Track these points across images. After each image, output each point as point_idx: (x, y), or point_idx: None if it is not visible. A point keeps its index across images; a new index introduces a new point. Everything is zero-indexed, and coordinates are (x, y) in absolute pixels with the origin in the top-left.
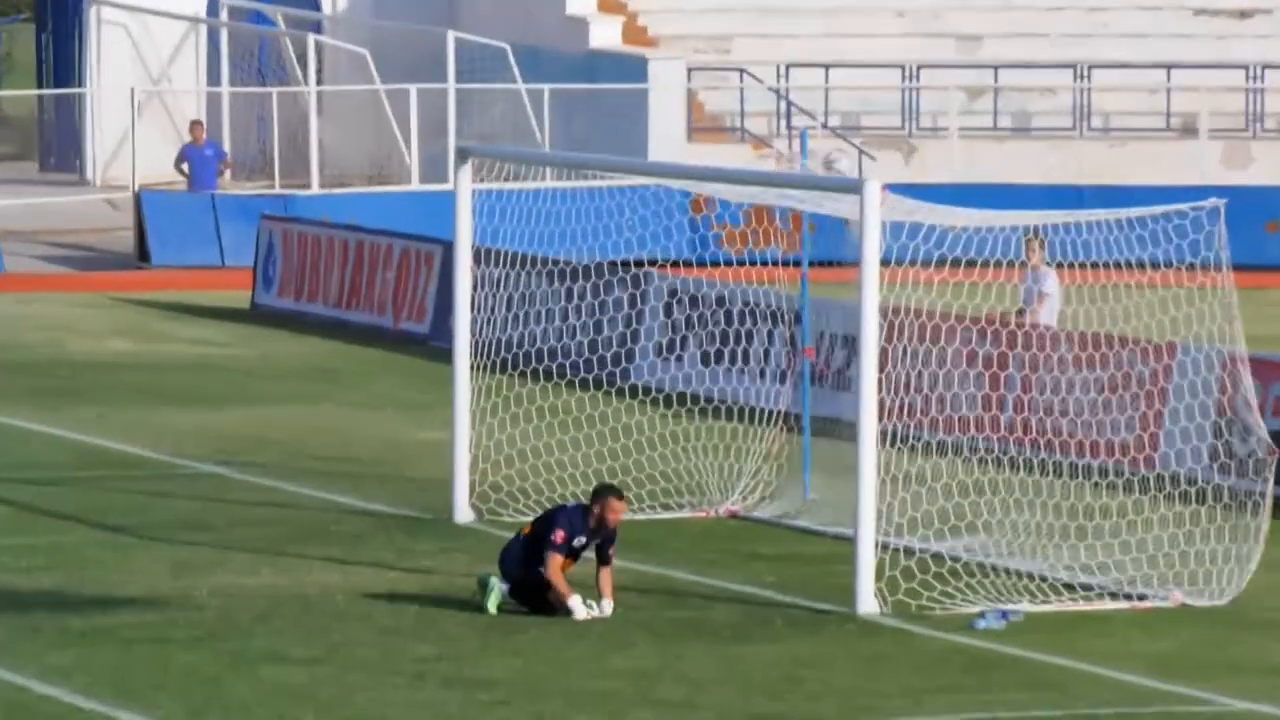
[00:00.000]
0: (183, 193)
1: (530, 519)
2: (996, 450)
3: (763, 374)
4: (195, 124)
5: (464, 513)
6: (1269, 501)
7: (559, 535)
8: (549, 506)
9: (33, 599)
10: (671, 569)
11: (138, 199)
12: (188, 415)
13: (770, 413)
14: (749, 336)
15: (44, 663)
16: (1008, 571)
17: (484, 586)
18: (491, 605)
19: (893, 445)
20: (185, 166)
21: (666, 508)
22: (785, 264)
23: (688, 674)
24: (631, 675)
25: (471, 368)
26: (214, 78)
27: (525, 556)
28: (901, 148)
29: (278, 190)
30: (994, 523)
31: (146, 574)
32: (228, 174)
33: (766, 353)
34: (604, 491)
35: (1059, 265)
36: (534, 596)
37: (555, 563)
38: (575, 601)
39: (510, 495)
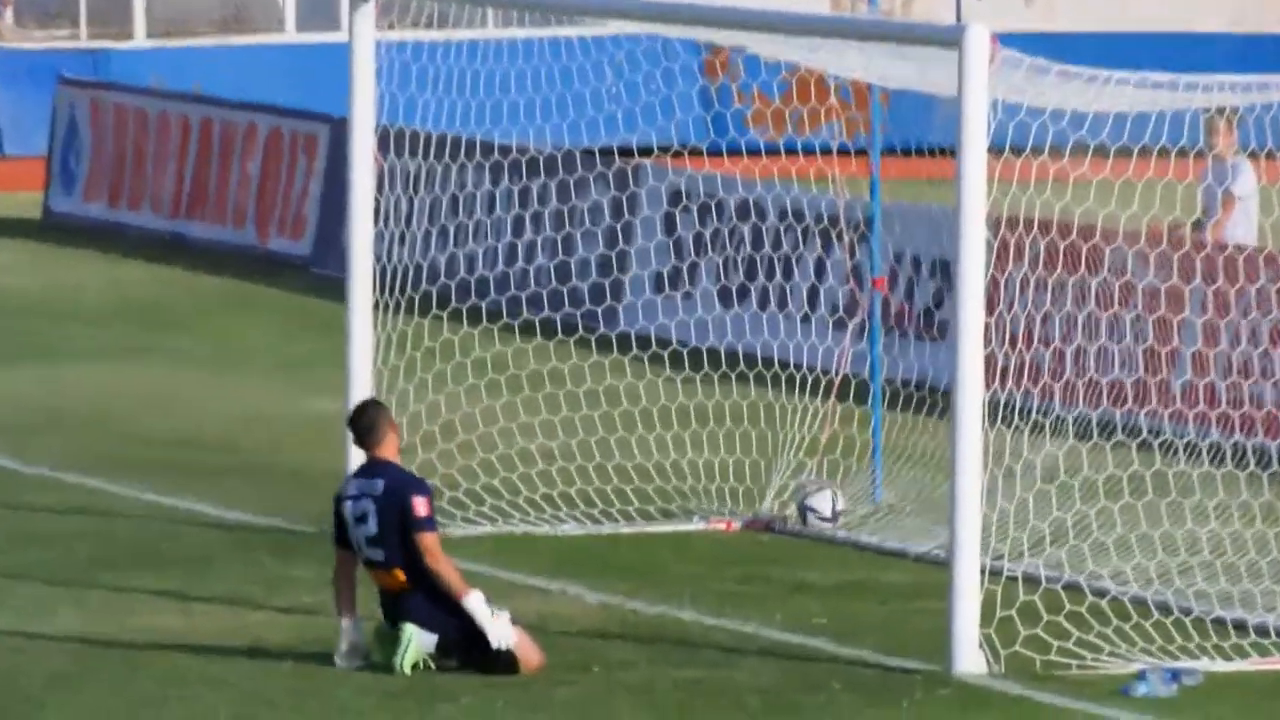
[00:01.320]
0: None
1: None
2: (1164, 430)
3: (811, 318)
4: None
5: None
6: None
7: (423, 506)
8: (397, 491)
9: None
10: (677, 607)
11: None
12: None
13: (822, 375)
14: (791, 262)
15: None
16: (1178, 612)
17: (393, 639)
18: (404, 663)
19: (1007, 423)
20: None
21: (668, 516)
22: (846, 154)
23: None
24: None
25: (375, 307)
26: None
27: (436, 598)
28: None
29: (83, 43)
30: (1159, 539)
31: None
32: (8, 15)
33: (817, 287)
34: (378, 414)
35: (1255, 155)
36: (478, 651)
37: (436, 543)
38: (477, 599)
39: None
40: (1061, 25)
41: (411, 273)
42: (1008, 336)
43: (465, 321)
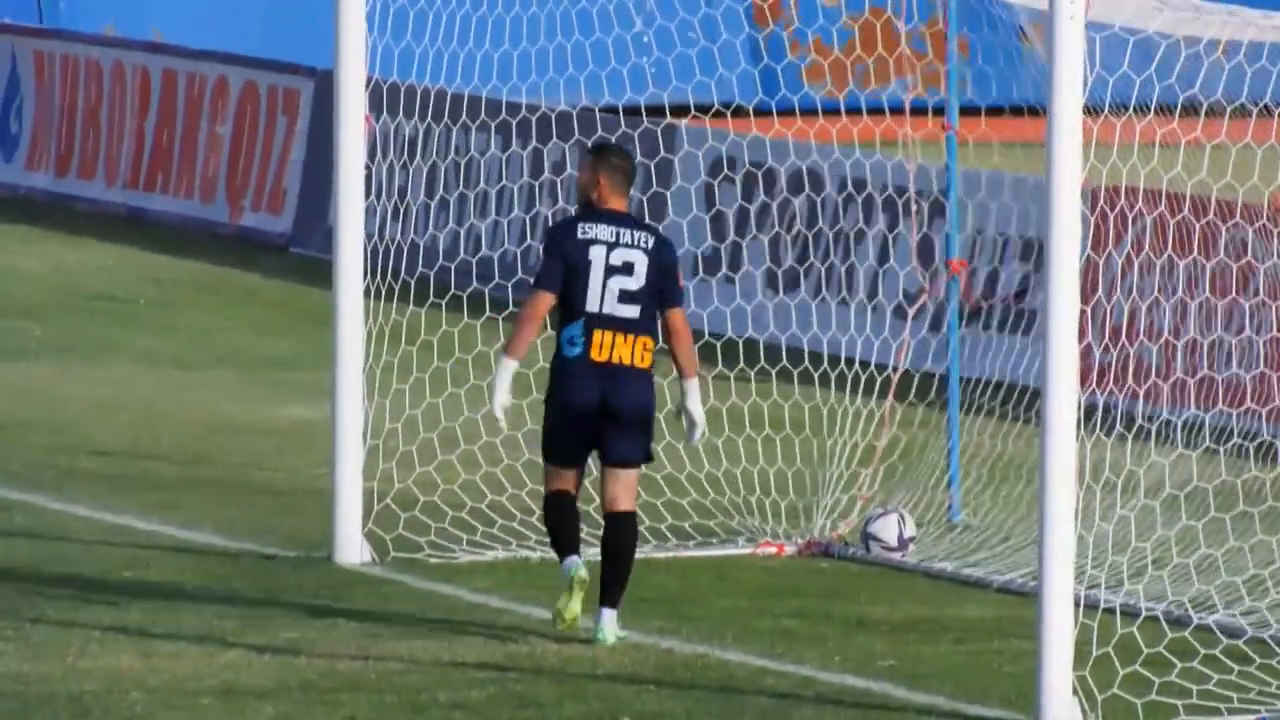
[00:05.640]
0: None
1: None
2: None
3: (874, 305)
4: None
5: (352, 548)
6: None
7: (681, 276)
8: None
9: None
10: (721, 647)
11: None
12: None
13: (887, 373)
14: (852, 240)
15: None
16: None
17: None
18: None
19: (1107, 432)
20: None
21: (709, 539)
22: (919, 113)
23: None
24: None
25: (366, 294)
26: None
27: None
28: None
29: None
30: None
31: None
32: None
33: (882, 268)
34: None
35: None
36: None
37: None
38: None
39: (432, 516)
40: None
41: (407, 254)
42: (1107, 329)
43: (468, 311)
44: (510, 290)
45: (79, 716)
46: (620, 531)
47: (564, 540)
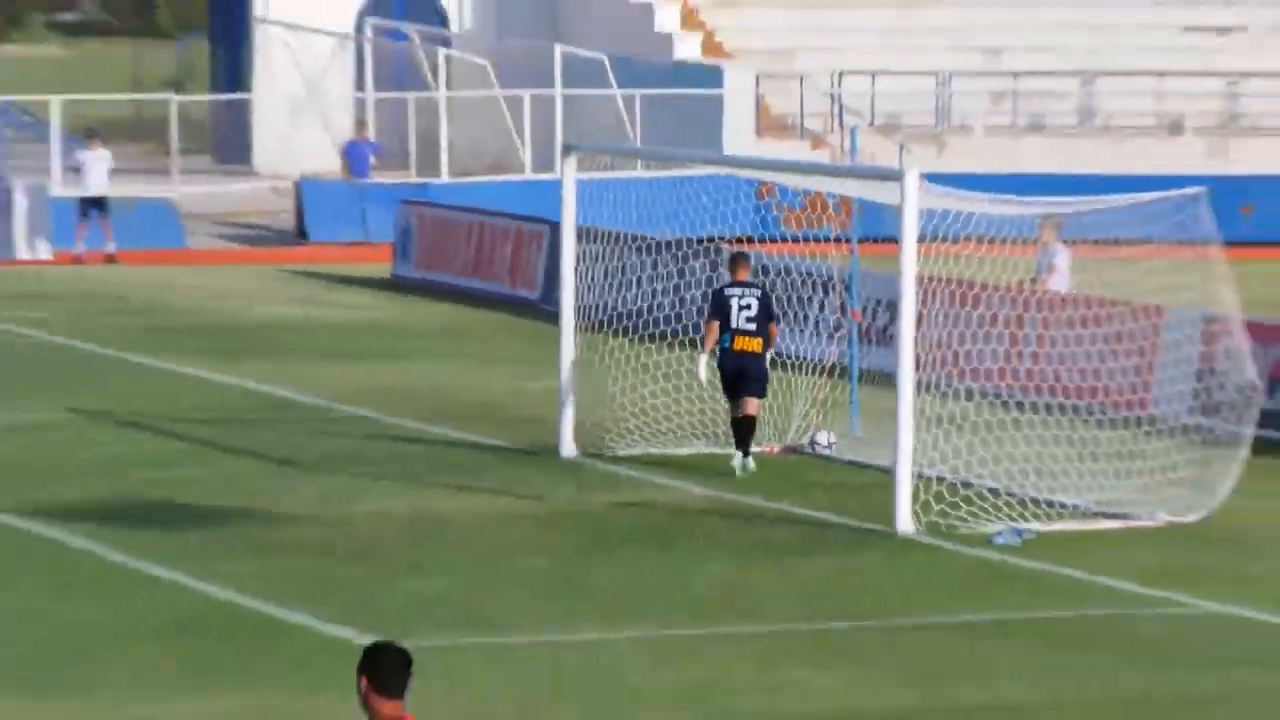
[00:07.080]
0: (335, 180)
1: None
2: (1015, 396)
3: (818, 333)
4: (360, 123)
5: (569, 448)
6: (1246, 439)
7: (775, 306)
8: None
9: (212, 518)
10: (744, 495)
11: (298, 186)
12: (342, 368)
13: (823, 365)
14: (806, 301)
15: (220, 570)
16: (1023, 498)
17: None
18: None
19: (927, 392)
20: (346, 159)
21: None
22: (837, 240)
23: (756, 585)
24: (712, 586)
25: (575, 328)
26: (360, 85)
27: (761, 359)
28: (935, 142)
29: (414, 179)
30: (1012, 455)
31: (308, 499)
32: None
33: (821, 315)
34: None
35: (1068, 242)
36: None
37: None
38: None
39: (606, 430)
40: (959, 169)
41: (594, 308)
42: (928, 343)
43: (623, 336)
44: (643, 330)
45: (438, 529)
46: (748, 422)
47: (739, 440)
